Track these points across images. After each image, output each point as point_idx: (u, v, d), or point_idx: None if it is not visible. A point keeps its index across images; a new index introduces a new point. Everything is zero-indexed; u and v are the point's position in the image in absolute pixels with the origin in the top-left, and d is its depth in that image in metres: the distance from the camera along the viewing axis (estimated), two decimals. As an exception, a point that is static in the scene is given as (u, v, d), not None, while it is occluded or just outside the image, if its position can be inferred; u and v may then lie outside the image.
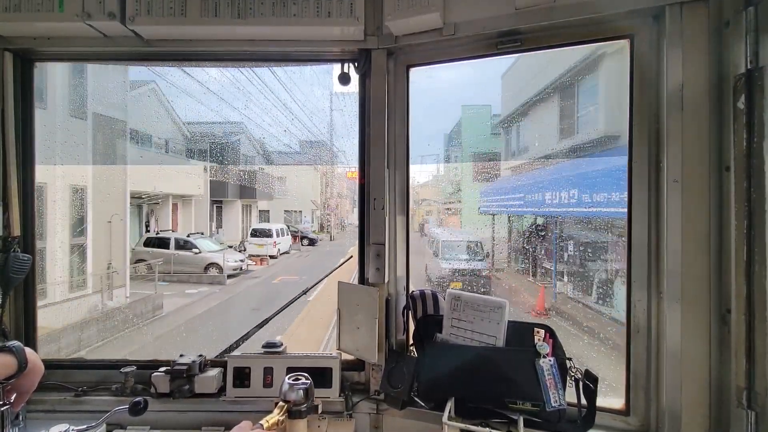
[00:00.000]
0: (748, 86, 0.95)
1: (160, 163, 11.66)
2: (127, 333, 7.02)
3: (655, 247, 1.15)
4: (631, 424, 1.18)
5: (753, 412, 0.94)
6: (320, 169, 20.97)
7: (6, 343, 0.92)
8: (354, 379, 1.46)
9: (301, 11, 1.25)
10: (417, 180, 13.80)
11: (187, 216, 13.94)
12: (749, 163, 0.95)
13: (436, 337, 1.28)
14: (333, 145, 17.47)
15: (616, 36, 1.20)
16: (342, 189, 25.32)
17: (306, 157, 17.79)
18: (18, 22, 1.28)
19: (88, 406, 1.38)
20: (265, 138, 14.69)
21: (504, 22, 1.21)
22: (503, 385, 1.14)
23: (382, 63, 1.36)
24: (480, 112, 12.27)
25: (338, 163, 19.16)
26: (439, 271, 8.32)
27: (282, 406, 1.08)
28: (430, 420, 1.27)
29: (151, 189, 11.20)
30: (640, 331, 1.17)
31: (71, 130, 7.10)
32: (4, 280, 1.36)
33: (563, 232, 7.74)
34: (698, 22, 1.05)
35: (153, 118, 11.33)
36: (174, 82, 11.20)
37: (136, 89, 10.56)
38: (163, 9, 1.26)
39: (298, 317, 6.89)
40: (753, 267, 0.95)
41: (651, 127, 1.15)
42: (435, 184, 14.92)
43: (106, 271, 8.00)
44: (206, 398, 1.36)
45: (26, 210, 1.47)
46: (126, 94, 8.85)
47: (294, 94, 23.43)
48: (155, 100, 11.33)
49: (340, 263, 1.87)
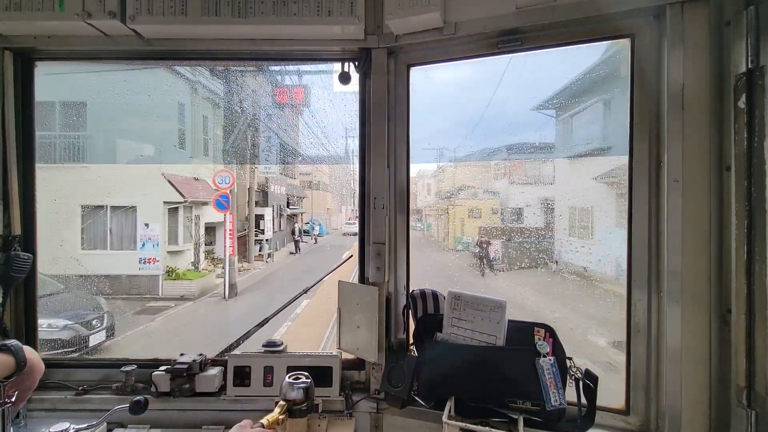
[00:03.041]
0: (748, 86, 0.95)
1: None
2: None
3: (656, 246, 1.15)
4: (631, 423, 1.18)
5: (753, 412, 0.94)
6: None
7: (4, 342, 0.92)
8: (354, 378, 1.46)
9: (302, 10, 1.25)
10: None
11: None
12: (750, 163, 0.95)
13: (437, 336, 1.28)
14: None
15: (617, 35, 1.20)
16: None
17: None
18: (18, 21, 1.28)
19: (89, 404, 1.38)
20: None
21: (505, 22, 1.21)
22: (503, 384, 1.14)
23: (382, 62, 1.36)
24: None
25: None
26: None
27: (282, 405, 1.08)
28: (431, 419, 1.27)
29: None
30: (641, 331, 1.17)
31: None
32: (5, 279, 1.36)
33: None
34: (699, 21, 1.05)
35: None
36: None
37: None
38: (163, 8, 1.26)
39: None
40: (753, 266, 0.95)
41: (651, 126, 1.15)
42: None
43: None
44: (207, 397, 1.37)
45: (27, 209, 1.48)
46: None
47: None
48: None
49: (341, 262, 1.87)
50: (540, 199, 6.71)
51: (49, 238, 6.09)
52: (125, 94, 6.28)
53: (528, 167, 7.02)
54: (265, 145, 9.18)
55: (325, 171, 21.53)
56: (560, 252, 5.66)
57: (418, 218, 12.67)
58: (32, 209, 1.49)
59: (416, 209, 12.57)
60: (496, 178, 8.17)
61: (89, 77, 5.99)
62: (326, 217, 22.82)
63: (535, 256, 5.97)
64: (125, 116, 7.46)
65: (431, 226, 11.94)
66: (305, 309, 7.08)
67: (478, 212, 8.42)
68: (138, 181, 8.06)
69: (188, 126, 8.31)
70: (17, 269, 1.37)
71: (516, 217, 7.32)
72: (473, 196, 8.77)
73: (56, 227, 6.90)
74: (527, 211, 6.94)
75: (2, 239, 1.38)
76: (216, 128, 8.91)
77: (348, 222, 21.78)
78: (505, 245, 6.78)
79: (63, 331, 5.10)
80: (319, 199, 21.42)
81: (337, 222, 24.27)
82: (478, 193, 8.71)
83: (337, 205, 24.78)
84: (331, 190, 22.89)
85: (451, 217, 9.33)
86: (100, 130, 7.29)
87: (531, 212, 6.79)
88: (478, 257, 7.04)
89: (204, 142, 9.00)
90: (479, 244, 7.20)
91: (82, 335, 5.19)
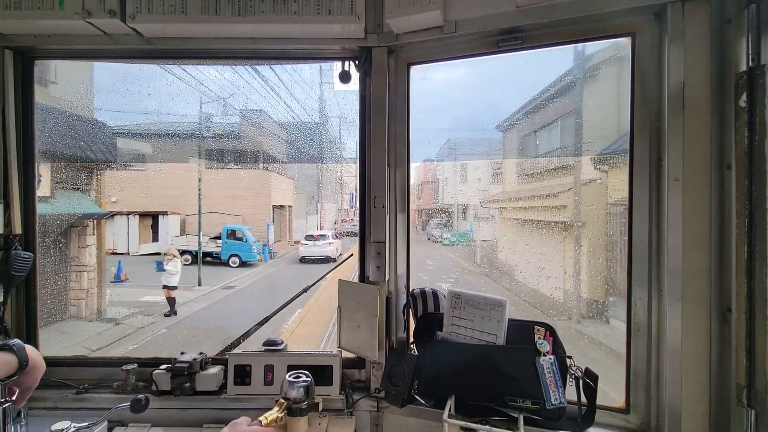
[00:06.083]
0: (749, 84, 0.95)
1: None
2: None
3: (656, 245, 1.15)
4: (631, 422, 1.18)
5: (753, 411, 0.94)
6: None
7: (7, 342, 0.92)
8: (354, 377, 1.46)
9: (302, 9, 1.25)
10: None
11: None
12: (750, 162, 0.95)
13: (437, 335, 1.28)
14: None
15: (618, 34, 1.19)
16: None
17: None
18: (18, 20, 1.28)
19: (90, 403, 1.38)
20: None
21: (505, 20, 1.21)
22: (503, 382, 1.14)
23: (382, 61, 1.35)
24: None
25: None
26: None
27: (282, 403, 1.08)
28: (431, 418, 1.27)
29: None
30: (641, 329, 1.17)
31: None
32: (6, 278, 1.36)
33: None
34: (700, 19, 1.04)
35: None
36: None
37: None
38: (163, 7, 1.26)
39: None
40: (754, 265, 0.94)
41: (652, 125, 1.15)
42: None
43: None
44: (207, 396, 1.37)
45: (27, 208, 1.48)
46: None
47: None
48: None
49: (341, 261, 1.87)
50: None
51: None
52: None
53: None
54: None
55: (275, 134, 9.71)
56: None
57: (444, 222, 7.60)
58: (32, 208, 1.49)
59: (438, 207, 8.29)
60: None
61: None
62: (284, 222, 12.51)
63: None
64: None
65: (472, 235, 7.02)
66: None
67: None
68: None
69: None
70: (18, 268, 1.37)
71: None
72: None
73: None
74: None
75: (3, 238, 1.38)
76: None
77: (312, 237, 10.79)
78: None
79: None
80: (258, 184, 11.20)
81: (307, 230, 12.35)
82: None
83: (306, 202, 14.42)
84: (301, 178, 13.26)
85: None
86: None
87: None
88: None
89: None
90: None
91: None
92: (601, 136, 4.12)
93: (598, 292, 4.01)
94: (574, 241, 4.28)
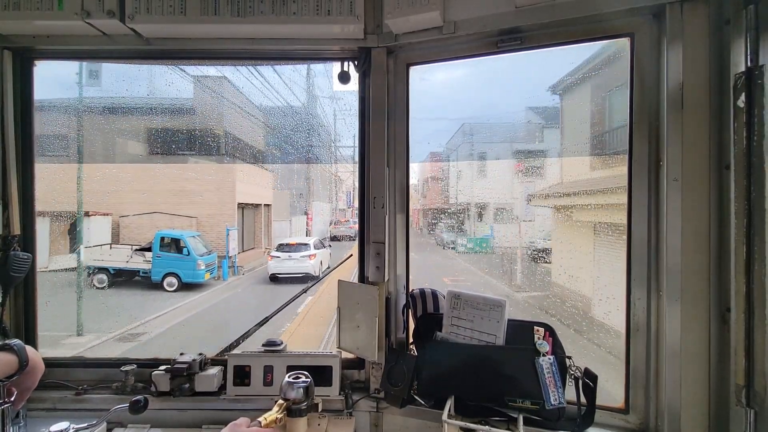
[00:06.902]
0: (748, 85, 0.95)
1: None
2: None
3: (655, 245, 1.15)
4: (630, 422, 1.18)
5: (752, 411, 0.94)
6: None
7: (7, 342, 0.92)
8: (354, 378, 1.46)
9: (301, 9, 1.25)
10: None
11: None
12: (749, 162, 0.95)
13: (436, 335, 1.28)
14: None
15: (617, 34, 1.19)
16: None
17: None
18: (17, 20, 1.28)
19: (89, 404, 1.38)
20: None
21: (504, 21, 1.21)
22: (503, 383, 1.14)
23: (382, 61, 1.36)
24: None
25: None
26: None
27: (281, 404, 1.08)
28: (430, 418, 1.27)
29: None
30: (640, 330, 1.17)
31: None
32: (5, 279, 1.36)
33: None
34: (699, 20, 1.05)
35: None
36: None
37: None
38: (162, 7, 1.26)
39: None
40: (753, 265, 0.94)
41: (651, 125, 1.15)
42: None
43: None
44: (207, 397, 1.37)
45: (26, 208, 1.47)
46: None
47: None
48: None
49: (341, 261, 1.87)
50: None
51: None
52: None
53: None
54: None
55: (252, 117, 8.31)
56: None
57: (458, 224, 5.91)
58: (31, 209, 1.49)
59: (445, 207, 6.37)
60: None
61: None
62: (258, 226, 9.84)
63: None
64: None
65: (493, 240, 5.27)
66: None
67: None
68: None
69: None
70: (16, 269, 1.37)
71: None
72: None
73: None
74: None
75: (2, 239, 1.38)
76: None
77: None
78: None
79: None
80: (219, 177, 8.56)
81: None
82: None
83: (288, 200, 11.91)
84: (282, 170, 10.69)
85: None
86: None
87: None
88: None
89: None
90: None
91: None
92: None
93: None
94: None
